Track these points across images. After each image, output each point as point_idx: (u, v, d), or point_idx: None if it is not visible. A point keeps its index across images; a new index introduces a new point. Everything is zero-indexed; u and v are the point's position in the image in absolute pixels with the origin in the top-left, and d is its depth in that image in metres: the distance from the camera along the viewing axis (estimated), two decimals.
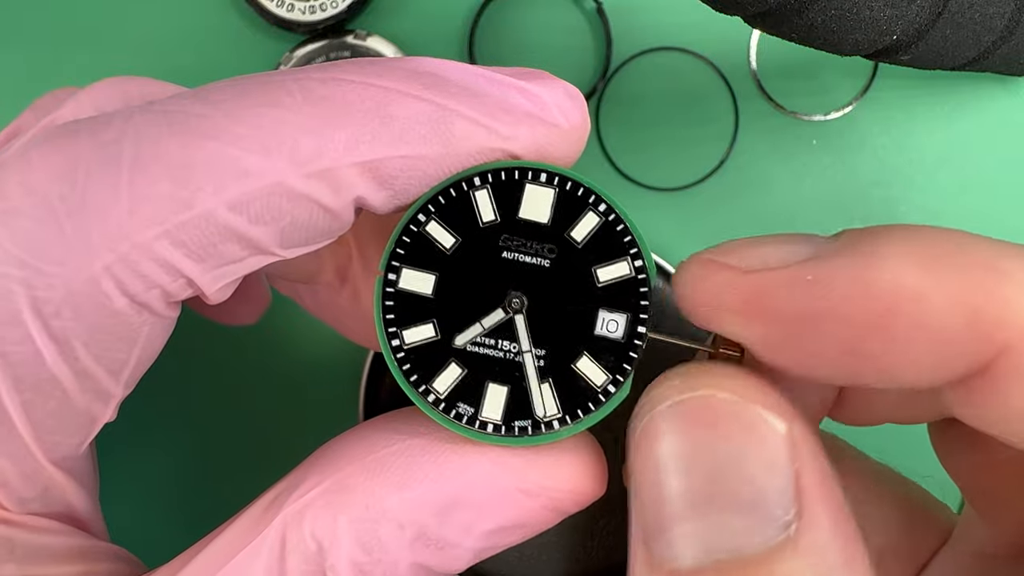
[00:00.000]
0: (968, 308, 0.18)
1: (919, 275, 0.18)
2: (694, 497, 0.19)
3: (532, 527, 0.22)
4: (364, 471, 0.21)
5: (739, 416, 0.19)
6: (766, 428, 0.19)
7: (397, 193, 0.21)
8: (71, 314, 0.21)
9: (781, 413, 0.19)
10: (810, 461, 0.19)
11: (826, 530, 0.18)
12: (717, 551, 0.18)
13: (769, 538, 0.18)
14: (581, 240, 0.21)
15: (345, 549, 0.21)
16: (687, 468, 0.19)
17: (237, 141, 0.20)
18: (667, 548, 0.19)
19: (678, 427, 0.19)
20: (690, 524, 0.18)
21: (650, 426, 0.19)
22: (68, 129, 0.21)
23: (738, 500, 0.18)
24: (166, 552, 0.24)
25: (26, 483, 0.23)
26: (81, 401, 0.22)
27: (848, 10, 0.28)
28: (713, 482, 0.18)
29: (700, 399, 0.19)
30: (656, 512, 0.19)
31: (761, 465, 0.18)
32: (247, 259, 0.21)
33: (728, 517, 0.18)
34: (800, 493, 0.18)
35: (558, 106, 0.22)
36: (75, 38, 0.39)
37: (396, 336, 0.21)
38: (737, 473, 0.18)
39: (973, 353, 0.18)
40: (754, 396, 0.19)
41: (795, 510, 0.18)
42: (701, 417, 0.19)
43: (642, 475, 0.20)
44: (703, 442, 0.19)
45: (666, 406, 0.19)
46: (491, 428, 0.21)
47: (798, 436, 0.19)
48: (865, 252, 0.19)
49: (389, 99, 0.21)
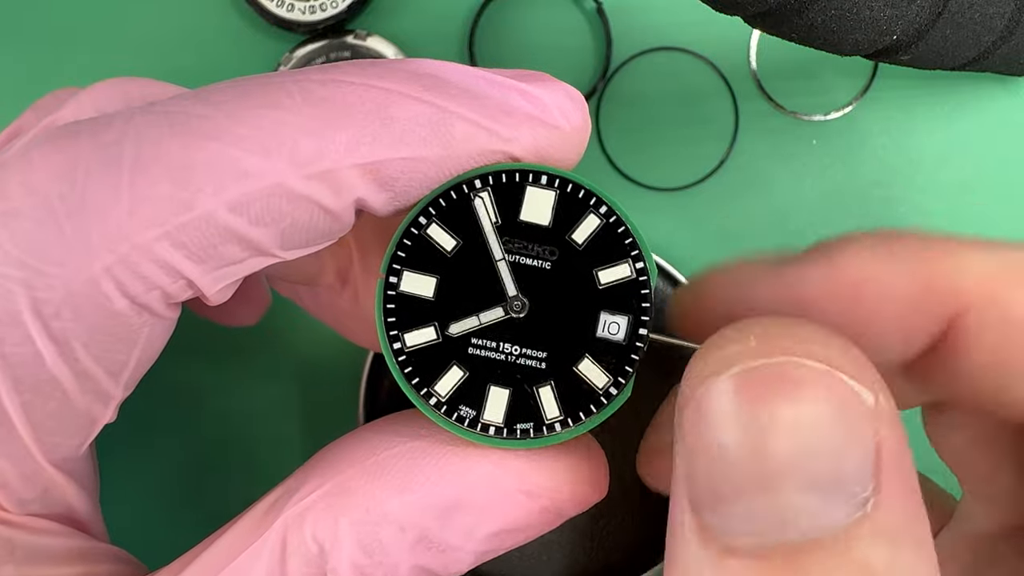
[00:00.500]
0: (922, 280, 0.20)
1: (878, 263, 0.20)
2: (763, 468, 0.17)
3: (533, 530, 0.22)
4: (365, 474, 0.21)
5: (821, 384, 0.17)
6: (851, 398, 0.17)
7: (397, 195, 0.21)
8: (71, 315, 0.21)
9: (867, 380, 0.17)
10: (891, 433, 0.17)
11: (900, 510, 0.17)
12: (785, 531, 0.16)
13: (845, 517, 0.16)
14: (582, 242, 0.21)
15: (346, 552, 0.21)
16: (752, 437, 0.17)
17: (238, 142, 0.20)
18: (726, 520, 0.17)
19: (750, 391, 0.17)
20: (755, 498, 0.17)
21: (714, 387, 0.18)
22: (69, 130, 0.21)
23: (814, 476, 0.17)
24: (166, 554, 0.24)
25: (26, 484, 0.23)
26: (81, 402, 0.22)
27: (848, 10, 0.28)
28: (787, 453, 0.17)
29: (778, 365, 0.17)
30: (713, 479, 0.17)
31: (846, 439, 0.17)
32: (247, 260, 0.21)
33: (802, 496, 0.16)
34: (879, 469, 0.17)
35: (559, 108, 0.22)
36: (75, 38, 0.39)
37: (397, 339, 0.21)
38: (816, 446, 0.17)
39: (934, 320, 0.20)
40: (838, 362, 0.17)
41: (873, 485, 0.17)
42: (778, 384, 0.17)
43: (698, 436, 0.18)
44: (779, 410, 0.17)
45: (737, 370, 0.17)
46: (493, 431, 0.21)
47: (883, 406, 0.17)
48: (826, 255, 0.21)
49: (390, 101, 0.21)
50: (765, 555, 0.16)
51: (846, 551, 0.16)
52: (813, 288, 0.20)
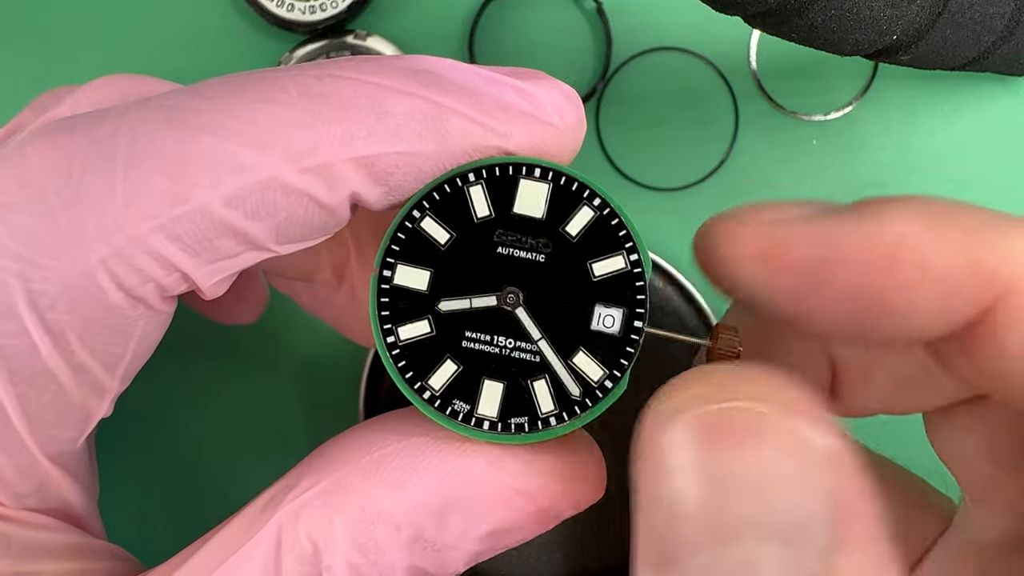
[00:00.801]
0: (968, 256, 0.19)
1: (923, 229, 0.19)
2: (716, 523, 0.16)
3: (529, 530, 0.22)
4: (360, 471, 0.21)
5: (774, 431, 0.17)
6: (805, 445, 0.17)
7: (392, 189, 0.21)
8: (66, 307, 0.21)
9: (820, 425, 0.17)
10: (849, 477, 0.17)
11: (865, 555, 0.16)
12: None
13: (806, 569, 0.16)
14: (576, 235, 0.21)
15: (341, 550, 0.21)
16: (709, 488, 0.16)
17: (233, 136, 0.20)
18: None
19: (700, 441, 0.17)
20: (715, 553, 0.16)
21: (667, 438, 0.17)
22: (64, 124, 0.21)
23: (773, 526, 0.16)
24: (163, 551, 0.24)
25: (22, 477, 0.23)
26: (76, 395, 0.22)
27: (848, 10, 0.28)
28: (741, 506, 0.16)
29: (727, 411, 0.17)
30: (671, 534, 0.17)
31: (800, 486, 0.16)
32: (242, 254, 0.21)
33: (762, 548, 0.16)
34: (839, 515, 0.16)
35: (554, 106, 0.22)
36: (75, 38, 0.39)
37: (391, 333, 0.21)
38: (771, 495, 0.16)
39: (973, 298, 0.19)
40: (788, 405, 0.17)
41: (834, 537, 0.16)
42: (729, 432, 0.17)
43: (651, 489, 0.17)
44: (730, 460, 0.16)
45: (687, 417, 0.17)
46: (487, 425, 0.21)
47: (837, 450, 0.17)
48: (874, 210, 0.20)
49: (385, 96, 0.21)
50: None
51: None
52: (849, 245, 0.19)
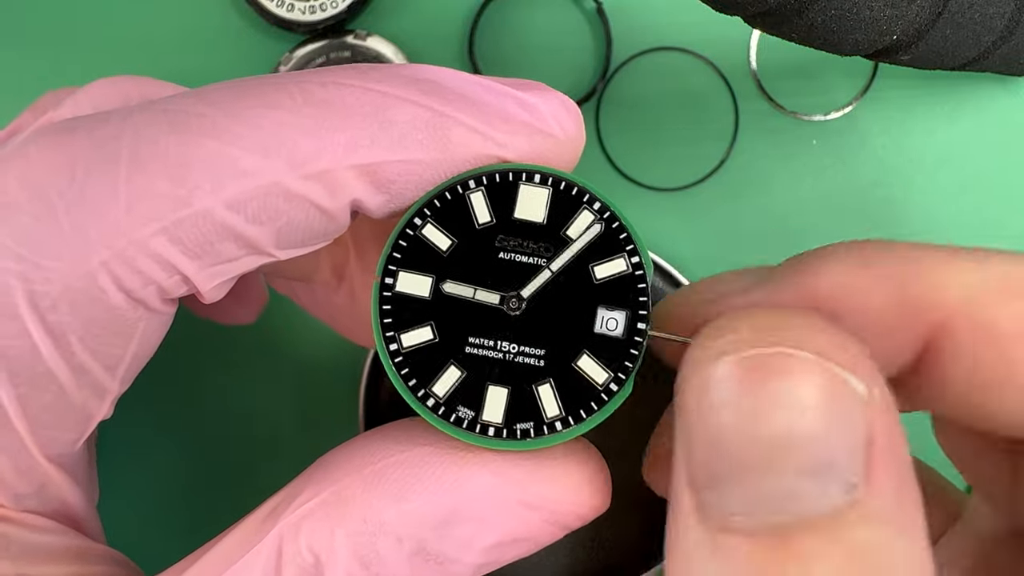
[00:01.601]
0: (901, 296, 0.20)
1: (852, 276, 0.20)
2: (758, 451, 0.17)
3: (533, 542, 0.22)
4: (362, 482, 0.21)
5: (814, 373, 0.17)
6: (843, 387, 0.17)
7: (393, 197, 0.21)
8: (68, 309, 0.21)
9: (861, 371, 0.18)
10: (884, 422, 0.18)
11: (892, 496, 0.17)
12: (778, 512, 0.17)
13: (835, 501, 0.17)
14: (577, 238, 0.21)
15: (342, 563, 0.21)
16: (753, 419, 0.17)
17: (236, 141, 0.20)
18: (723, 499, 0.17)
19: (747, 377, 0.18)
20: (750, 480, 0.17)
21: (709, 375, 0.18)
22: (67, 126, 0.21)
23: (806, 460, 0.17)
24: (163, 558, 0.23)
25: (22, 479, 0.23)
26: (77, 396, 0.22)
27: (848, 10, 0.28)
28: (780, 438, 0.17)
29: (773, 355, 0.18)
30: (712, 459, 0.18)
31: (839, 427, 0.17)
32: (243, 258, 0.21)
33: (793, 478, 0.17)
34: (870, 456, 0.17)
35: (554, 116, 0.22)
36: (75, 39, 0.39)
37: (394, 340, 0.21)
38: (808, 432, 0.17)
39: (913, 336, 0.20)
40: (832, 352, 0.18)
41: (863, 473, 0.17)
42: (774, 372, 0.18)
43: (697, 416, 0.18)
44: (773, 397, 0.17)
45: (732, 359, 0.18)
46: (492, 431, 0.21)
47: (876, 396, 0.18)
48: (804, 268, 0.20)
49: (388, 104, 0.21)
50: (759, 534, 0.17)
51: (837, 534, 0.17)
52: (788, 302, 0.20)
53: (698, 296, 0.22)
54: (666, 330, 0.22)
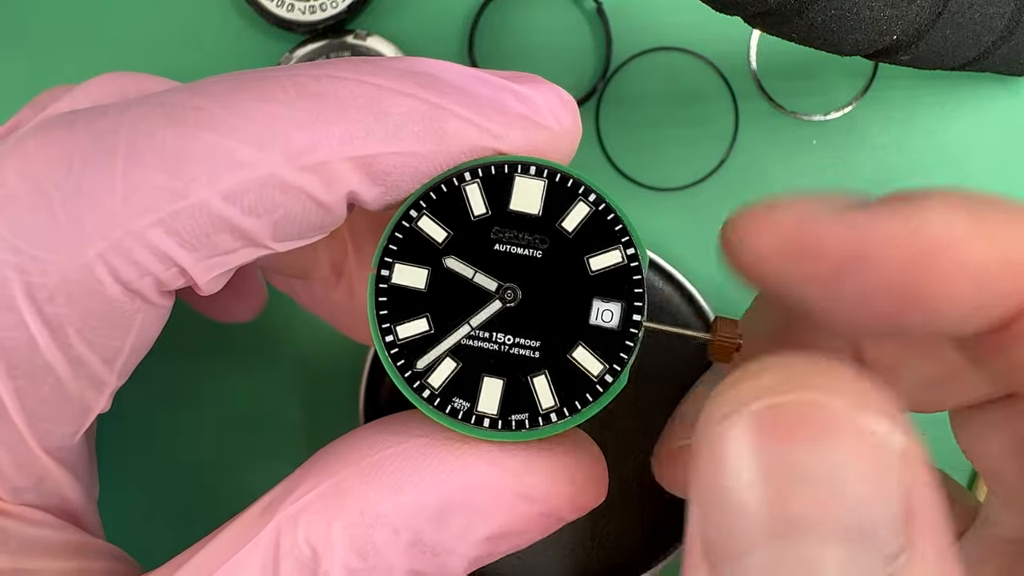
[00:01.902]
0: (1007, 251, 0.18)
1: (962, 223, 0.18)
2: (784, 518, 0.15)
3: (530, 534, 0.22)
4: (360, 475, 0.21)
5: (848, 429, 0.15)
6: (881, 444, 0.15)
7: (389, 189, 0.21)
8: (65, 300, 0.21)
9: (897, 425, 0.16)
10: (923, 481, 0.16)
11: (934, 564, 0.15)
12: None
13: (874, 573, 0.15)
14: (572, 230, 0.22)
15: (339, 555, 0.21)
16: (773, 483, 0.15)
17: (232, 133, 0.20)
18: (741, 573, 0.16)
19: (765, 435, 0.16)
20: (776, 551, 0.15)
21: (726, 430, 0.16)
22: (65, 119, 0.21)
23: (840, 527, 0.15)
24: (161, 552, 0.24)
25: (20, 472, 0.23)
26: (75, 388, 0.22)
27: (848, 10, 0.28)
28: (806, 504, 0.15)
29: (796, 404, 0.16)
30: (730, 528, 0.16)
31: (869, 487, 0.15)
32: (240, 250, 0.21)
33: (822, 547, 0.15)
34: (909, 520, 0.15)
35: (550, 109, 0.22)
36: (75, 38, 0.39)
37: (390, 331, 0.21)
38: (838, 494, 0.15)
39: (1010, 293, 0.18)
40: (867, 403, 0.16)
41: (905, 538, 0.15)
42: (796, 426, 0.16)
43: (712, 481, 0.16)
44: (798, 456, 0.15)
45: (752, 410, 0.16)
46: (487, 422, 0.21)
47: (913, 452, 0.16)
48: (911, 202, 0.19)
49: (383, 96, 0.21)
50: None
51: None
52: (884, 238, 0.18)
53: (776, 228, 0.20)
54: (732, 264, 0.20)
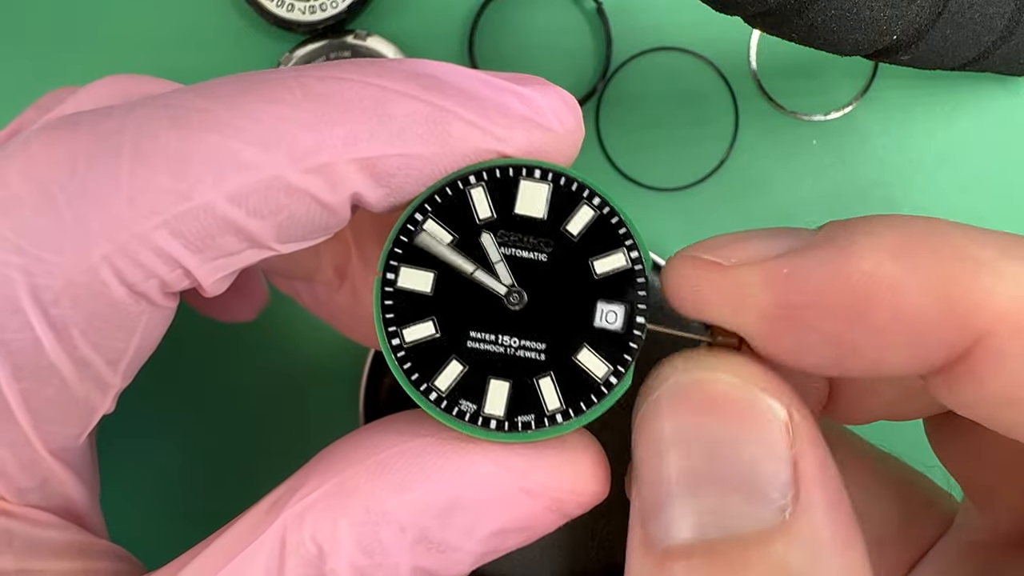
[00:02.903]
0: (944, 297, 0.18)
1: (894, 265, 0.19)
2: (691, 477, 0.19)
3: (534, 530, 0.22)
4: (365, 473, 0.21)
5: (740, 400, 0.19)
6: (766, 412, 0.19)
7: (393, 191, 0.21)
8: (70, 302, 0.21)
9: (781, 398, 0.19)
10: (809, 446, 0.19)
11: (821, 515, 0.18)
12: (711, 530, 0.18)
13: (764, 520, 0.18)
14: (577, 234, 0.22)
15: (345, 552, 0.21)
16: (686, 448, 0.19)
17: (237, 135, 0.20)
18: (662, 527, 0.19)
19: (679, 408, 0.19)
20: (685, 502, 0.19)
21: (652, 407, 0.20)
22: (69, 121, 0.21)
23: (735, 481, 0.18)
24: (163, 552, 0.24)
25: (25, 473, 0.23)
26: (80, 390, 0.22)
27: (848, 10, 0.28)
28: (711, 462, 0.19)
29: (701, 381, 0.20)
30: (654, 491, 0.19)
31: (759, 448, 0.19)
32: (244, 252, 0.21)
33: (724, 498, 0.18)
34: (797, 478, 0.18)
35: (553, 111, 0.22)
36: (76, 38, 0.39)
37: (396, 335, 0.21)
38: (735, 455, 0.19)
39: (951, 341, 0.19)
40: (755, 380, 0.19)
41: (791, 494, 0.18)
42: (702, 399, 0.19)
43: (643, 454, 0.20)
44: (703, 423, 0.19)
45: (667, 387, 0.20)
46: (494, 424, 0.21)
47: (798, 421, 0.19)
48: (842, 244, 0.19)
49: (388, 98, 0.21)
50: (692, 553, 0.18)
51: (764, 552, 0.18)
52: (816, 287, 0.19)
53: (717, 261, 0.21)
54: (680, 294, 0.22)
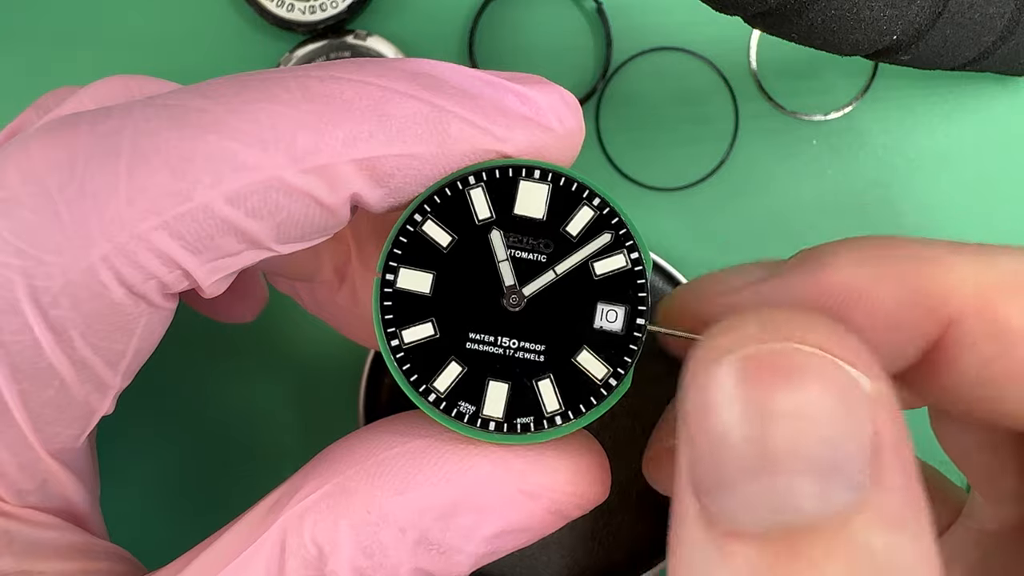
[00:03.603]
0: (910, 291, 0.20)
1: (863, 273, 0.20)
2: (763, 453, 0.17)
3: (534, 531, 0.22)
4: (365, 474, 0.21)
5: (820, 371, 0.17)
6: (850, 385, 0.17)
7: (392, 191, 0.21)
8: (69, 304, 0.21)
9: (866, 368, 0.18)
10: (890, 419, 0.17)
11: (899, 496, 0.17)
12: (784, 515, 0.17)
13: (842, 502, 0.17)
14: (576, 234, 0.22)
15: (346, 553, 0.21)
16: (753, 422, 0.17)
17: (236, 135, 0.20)
18: (726, 505, 0.17)
19: (748, 380, 0.17)
20: (756, 482, 0.17)
21: (713, 374, 0.18)
22: (68, 121, 0.21)
23: (813, 461, 0.17)
24: (166, 554, 0.24)
25: (24, 474, 0.23)
26: (79, 391, 0.22)
27: (848, 10, 0.28)
28: (786, 439, 0.17)
29: (776, 351, 0.18)
30: (716, 464, 0.17)
31: (844, 424, 0.17)
32: (243, 253, 0.21)
33: (799, 479, 0.17)
34: (877, 456, 0.17)
35: (553, 111, 0.22)
36: (75, 38, 0.39)
37: (395, 336, 0.21)
38: (815, 432, 0.17)
39: (923, 331, 0.20)
40: (838, 349, 0.18)
41: (871, 471, 0.17)
42: (779, 370, 0.17)
43: (700, 422, 0.18)
44: (776, 396, 0.17)
45: (737, 356, 0.18)
46: (493, 426, 0.21)
47: (882, 393, 0.18)
48: (814, 263, 0.21)
49: (387, 98, 0.21)
50: (766, 537, 0.17)
51: (844, 535, 0.16)
52: (798, 299, 0.21)
53: (707, 289, 0.22)
54: (673, 326, 0.22)
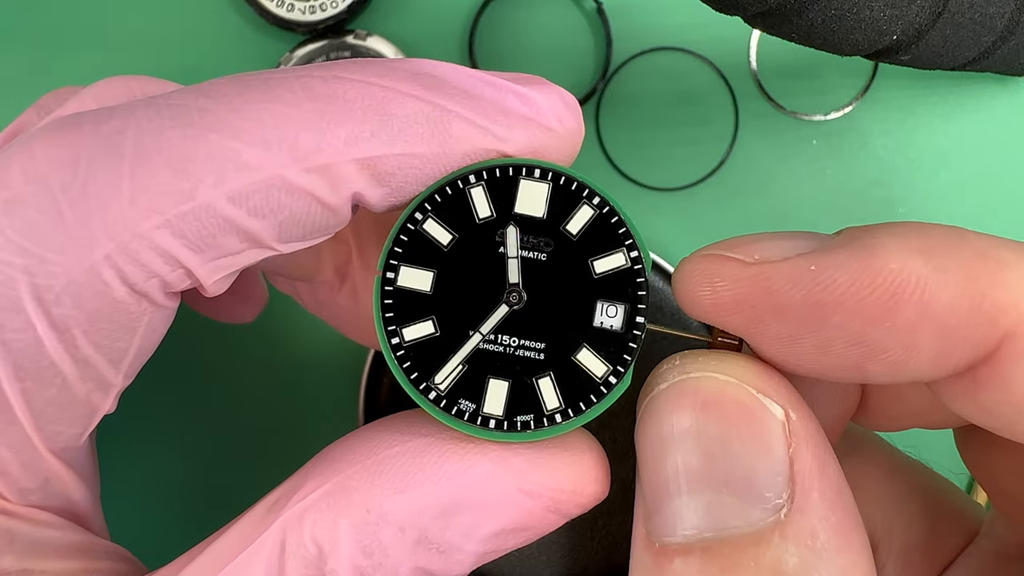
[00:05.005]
0: (971, 294, 0.18)
1: (922, 264, 0.18)
2: (691, 475, 0.19)
3: (534, 530, 0.22)
4: (365, 473, 0.21)
5: (737, 399, 0.19)
6: (762, 411, 0.19)
7: (394, 191, 0.22)
8: (71, 302, 0.21)
9: (779, 398, 0.19)
10: (806, 447, 0.19)
11: (818, 516, 0.18)
12: (707, 529, 0.18)
13: (758, 520, 0.18)
14: (576, 233, 0.22)
15: (346, 552, 0.21)
16: (685, 447, 0.19)
17: (238, 135, 0.20)
18: (662, 524, 0.19)
19: (678, 407, 0.19)
20: (684, 501, 0.19)
21: (652, 405, 0.20)
22: (71, 120, 0.21)
23: (732, 480, 0.18)
24: (166, 553, 0.24)
25: (26, 473, 0.23)
26: (81, 390, 0.22)
27: (848, 10, 0.28)
28: (709, 461, 0.19)
29: (700, 381, 0.19)
30: (655, 489, 0.19)
31: (755, 448, 0.19)
32: (245, 252, 0.21)
33: (721, 497, 0.18)
34: (794, 478, 0.18)
35: (553, 111, 0.22)
36: (76, 38, 0.39)
37: (396, 334, 0.22)
38: (732, 454, 0.19)
39: (977, 340, 0.18)
40: (752, 380, 0.19)
41: (787, 494, 0.18)
42: (700, 398, 0.19)
43: (646, 452, 0.20)
44: (701, 423, 0.19)
45: (666, 386, 0.20)
46: (493, 424, 0.21)
47: (795, 421, 0.19)
48: (867, 244, 0.19)
49: (388, 98, 0.21)
50: (690, 551, 0.18)
51: (758, 551, 0.18)
52: (842, 285, 0.19)
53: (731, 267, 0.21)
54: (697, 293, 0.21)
